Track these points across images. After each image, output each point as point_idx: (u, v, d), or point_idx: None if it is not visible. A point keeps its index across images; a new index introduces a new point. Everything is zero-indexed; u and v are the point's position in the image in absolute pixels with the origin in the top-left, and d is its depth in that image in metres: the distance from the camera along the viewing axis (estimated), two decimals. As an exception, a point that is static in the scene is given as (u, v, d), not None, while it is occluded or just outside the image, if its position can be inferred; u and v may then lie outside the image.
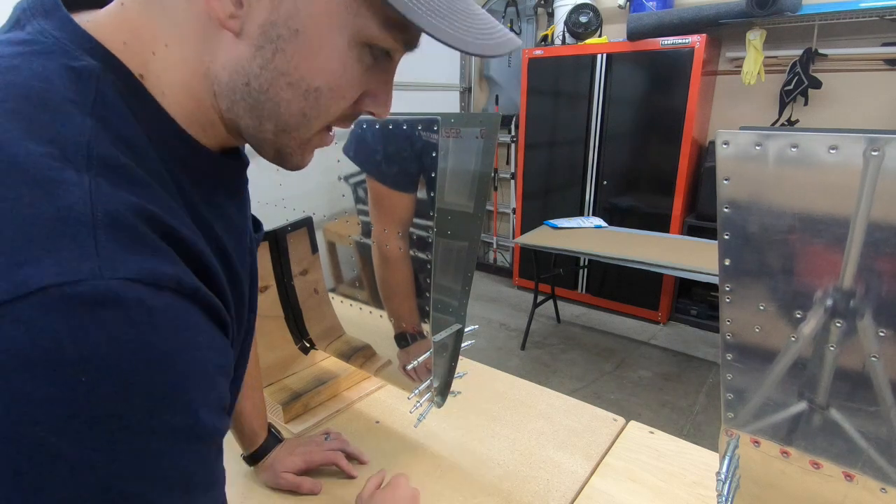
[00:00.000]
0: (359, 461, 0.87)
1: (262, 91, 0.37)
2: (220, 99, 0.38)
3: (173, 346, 0.30)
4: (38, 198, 0.27)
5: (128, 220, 0.29)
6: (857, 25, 2.78)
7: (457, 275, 0.82)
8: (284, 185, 0.92)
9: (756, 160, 0.42)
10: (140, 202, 0.31)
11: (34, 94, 0.31)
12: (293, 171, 0.44)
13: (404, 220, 0.74)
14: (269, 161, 0.43)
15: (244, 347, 0.52)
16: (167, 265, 0.30)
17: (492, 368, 1.16)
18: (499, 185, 4.49)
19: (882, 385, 0.43)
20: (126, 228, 0.29)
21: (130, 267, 0.28)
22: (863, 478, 0.47)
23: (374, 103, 0.42)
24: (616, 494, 0.80)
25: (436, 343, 0.79)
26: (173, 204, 0.35)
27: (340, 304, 0.94)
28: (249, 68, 0.36)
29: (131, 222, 0.30)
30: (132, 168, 0.32)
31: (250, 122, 0.39)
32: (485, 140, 0.75)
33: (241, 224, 0.47)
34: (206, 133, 0.40)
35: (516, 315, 3.69)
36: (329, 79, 0.37)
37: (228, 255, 0.42)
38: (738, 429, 0.53)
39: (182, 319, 0.31)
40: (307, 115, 0.39)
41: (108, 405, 0.27)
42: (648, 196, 3.39)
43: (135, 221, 0.30)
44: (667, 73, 3.12)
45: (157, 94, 0.36)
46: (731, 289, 0.47)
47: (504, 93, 4.32)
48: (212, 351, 0.33)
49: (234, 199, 0.45)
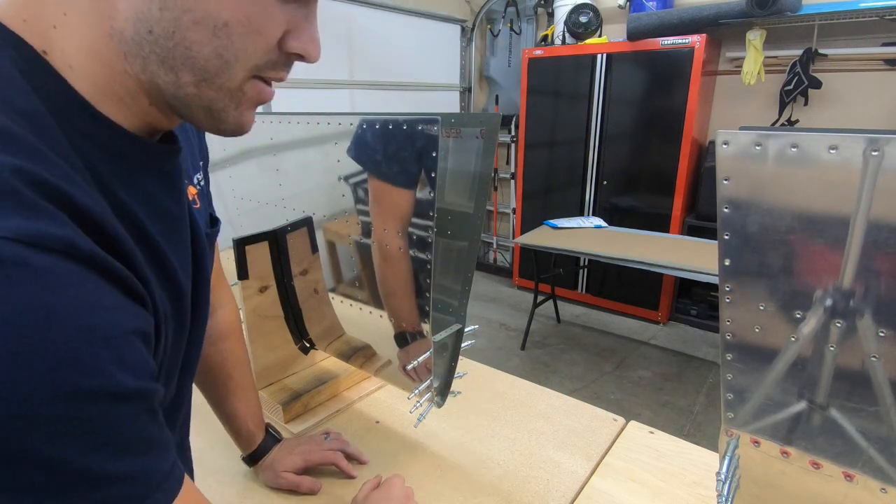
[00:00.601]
0: (358, 461, 0.87)
1: (168, 36, 0.34)
2: (131, 60, 0.36)
3: (64, 304, 0.29)
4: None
5: (8, 182, 0.29)
6: (857, 25, 2.78)
7: (457, 275, 0.82)
8: (284, 185, 0.92)
9: (756, 160, 0.42)
10: (27, 166, 0.30)
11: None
12: (235, 134, 0.42)
13: (404, 218, 0.74)
14: (207, 130, 0.41)
15: (193, 343, 0.50)
16: (56, 227, 0.30)
17: (492, 368, 1.16)
18: (499, 185, 4.49)
19: (882, 385, 0.43)
20: (6, 191, 0.29)
21: (7, 226, 0.27)
22: (863, 478, 0.47)
23: (297, 40, 0.39)
24: (616, 494, 0.80)
25: (436, 343, 0.79)
26: (77, 177, 0.33)
27: (340, 304, 0.94)
28: (149, 13, 0.34)
29: (12, 185, 0.29)
30: (24, 136, 0.31)
31: (167, 77, 0.36)
32: (485, 140, 0.75)
33: (177, 213, 0.45)
34: (126, 108, 0.38)
35: (516, 315, 3.69)
36: (237, 11, 0.35)
37: (152, 240, 0.41)
38: (738, 429, 0.53)
39: (73, 280, 0.30)
40: (224, 57, 0.36)
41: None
42: (648, 196, 3.39)
43: (16, 184, 0.29)
44: (667, 73, 3.12)
45: (64, 68, 0.35)
46: (731, 289, 0.47)
47: (504, 93, 4.32)
48: (119, 312, 0.32)
49: (162, 185, 0.43)
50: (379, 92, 3.62)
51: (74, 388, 0.29)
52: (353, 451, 0.87)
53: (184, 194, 0.48)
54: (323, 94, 3.24)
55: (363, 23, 3.39)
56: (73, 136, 0.35)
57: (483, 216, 0.80)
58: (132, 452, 0.33)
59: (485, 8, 4.18)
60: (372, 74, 3.54)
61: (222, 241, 1.30)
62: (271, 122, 0.90)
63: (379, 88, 3.62)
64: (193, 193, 0.53)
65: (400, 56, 3.72)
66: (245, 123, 0.41)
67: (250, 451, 0.82)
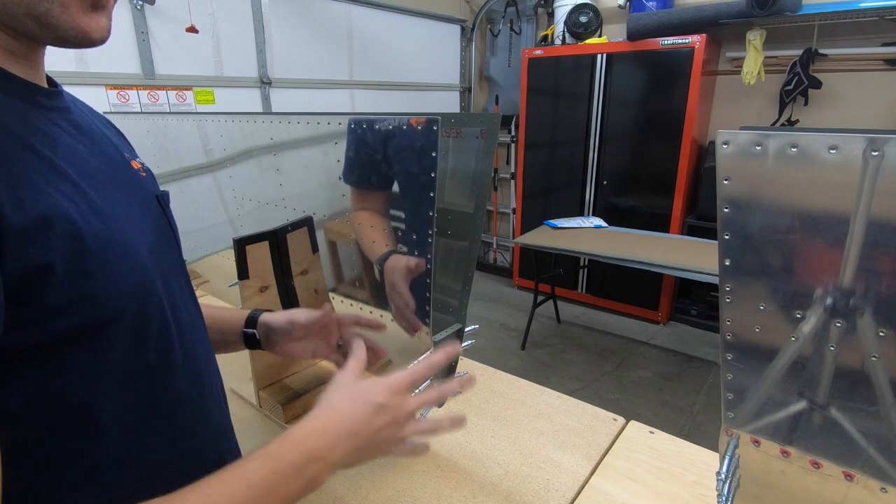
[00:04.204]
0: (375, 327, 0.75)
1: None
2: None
3: None
4: None
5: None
6: (857, 25, 2.78)
7: (457, 275, 0.82)
8: (285, 185, 0.92)
9: (756, 160, 0.42)
10: None
11: None
12: (84, 42, 0.41)
13: None
14: (48, 41, 0.41)
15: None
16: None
17: (492, 368, 1.16)
18: (499, 185, 4.49)
19: (882, 385, 0.43)
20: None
21: None
22: (863, 477, 0.47)
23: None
24: (616, 494, 0.80)
25: (436, 343, 0.79)
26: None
27: (341, 303, 0.94)
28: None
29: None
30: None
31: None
32: (485, 140, 0.75)
33: (73, 143, 0.45)
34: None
35: (516, 315, 3.69)
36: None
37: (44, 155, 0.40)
38: (738, 428, 0.53)
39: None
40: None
41: None
42: (648, 196, 3.39)
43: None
44: (667, 73, 3.12)
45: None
46: (731, 289, 0.47)
47: (504, 93, 4.31)
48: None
49: (48, 117, 0.44)
50: (379, 92, 3.63)
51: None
52: (367, 321, 0.76)
53: (86, 130, 0.49)
54: (323, 94, 3.25)
55: (363, 23, 3.39)
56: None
57: (483, 216, 0.80)
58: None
59: (485, 8, 4.18)
60: (372, 74, 3.55)
61: (222, 242, 1.31)
62: (271, 122, 0.90)
63: (379, 88, 3.62)
64: (139, 166, 0.56)
65: (400, 56, 3.73)
66: (85, 27, 0.41)
67: (245, 327, 0.74)
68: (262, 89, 2.93)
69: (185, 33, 2.51)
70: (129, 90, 2.40)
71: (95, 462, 0.45)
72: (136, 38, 2.38)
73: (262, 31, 2.86)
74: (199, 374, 0.56)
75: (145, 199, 0.53)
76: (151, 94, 2.49)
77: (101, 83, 2.31)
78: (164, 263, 0.52)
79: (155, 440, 0.50)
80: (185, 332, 0.54)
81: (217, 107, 2.75)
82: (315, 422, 0.50)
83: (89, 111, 0.55)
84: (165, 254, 0.53)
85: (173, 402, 0.52)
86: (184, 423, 0.54)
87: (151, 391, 0.49)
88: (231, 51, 2.77)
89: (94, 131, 0.50)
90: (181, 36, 2.52)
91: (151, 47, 2.44)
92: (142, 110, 2.45)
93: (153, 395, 0.49)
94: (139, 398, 0.48)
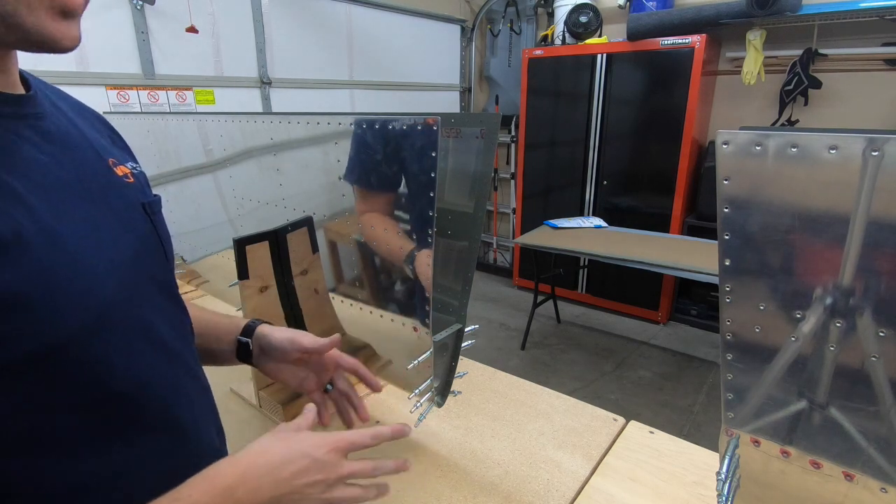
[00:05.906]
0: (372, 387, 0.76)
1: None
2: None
3: None
4: None
5: None
6: (857, 25, 2.78)
7: (457, 275, 0.82)
8: (285, 185, 0.92)
9: (756, 160, 0.42)
10: None
11: None
12: (54, 48, 0.40)
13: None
14: (17, 45, 0.40)
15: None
16: None
17: (492, 368, 1.16)
18: (499, 185, 4.49)
19: (882, 385, 0.43)
20: None
21: None
22: (863, 477, 0.47)
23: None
24: (616, 494, 0.80)
25: (436, 343, 0.79)
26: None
27: (341, 303, 0.94)
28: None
29: None
30: None
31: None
32: (485, 140, 0.75)
33: (38, 156, 0.43)
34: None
35: (516, 315, 3.69)
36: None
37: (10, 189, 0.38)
38: (738, 428, 0.53)
39: None
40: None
41: None
42: (648, 196, 3.39)
43: None
44: (667, 73, 3.12)
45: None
46: (731, 289, 0.47)
47: (504, 93, 4.31)
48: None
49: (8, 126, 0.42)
50: (379, 92, 3.63)
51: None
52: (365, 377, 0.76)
53: (58, 138, 0.46)
54: (323, 94, 3.25)
55: (363, 23, 3.39)
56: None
57: (483, 216, 0.80)
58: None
59: (485, 8, 4.18)
60: (372, 74, 3.55)
61: (222, 242, 1.31)
62: (271, 122, 0.90)
63: (379, 88, 3.62)
64: (126, 171, 0.54)
65: (400, 56, 3.73)
66: (55, 32, 0.39)
67: (239, 345, 0.71)
68: (262, 89, 2.94)
69: (185, 33, 2.52)
70: (129, 90, 2.40)
71: (57, 487, 0.42)
72: (136, 38, 2.38)
73: (262, 31, 2.86)
74: (183, 389, 0.54)
75: (126, 208, 0.50)
76: (151, 94, 2.49)
77: (101, 83, 2.31)
78: (142, 277, 0.50)
79: (122, 464, 0.46)
80: (167, 345, 0.51)
81: (217, 107, 2.75)
82: (237, 463, 0.48)
83: (76, 113, 0.52)
84: (147, 265, 0.51)
85: (146, 422, 0.49)
86: (160, 445, 0.51)
87: (119, 413, 0.46)
88: (231, 51, 2.77)
89: (70, 138, 0.48)
90: (181, 36, 2.52)
91: (151, 47, 2.44)
92: (142, 110, 2.46)
93: (120, 417, 0.46)
94: (103, 422, 0.44)
